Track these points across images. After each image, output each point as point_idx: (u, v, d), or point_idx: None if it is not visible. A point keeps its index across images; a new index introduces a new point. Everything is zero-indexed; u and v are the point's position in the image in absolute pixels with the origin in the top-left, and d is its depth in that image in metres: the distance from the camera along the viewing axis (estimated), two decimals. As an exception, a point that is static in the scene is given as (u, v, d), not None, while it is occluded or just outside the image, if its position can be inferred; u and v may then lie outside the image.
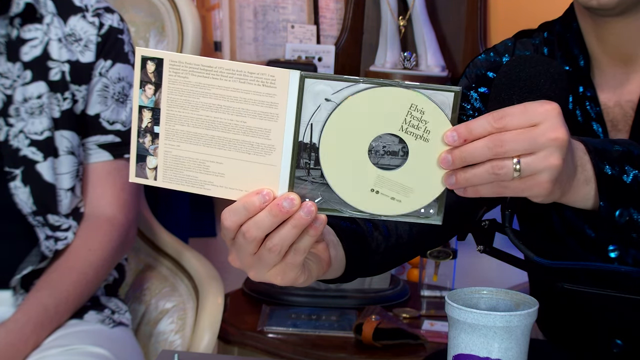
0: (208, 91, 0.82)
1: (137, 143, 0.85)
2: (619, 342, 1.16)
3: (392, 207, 0.84)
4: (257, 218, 0.82)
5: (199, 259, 1.76)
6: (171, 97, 0.83)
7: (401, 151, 0.82)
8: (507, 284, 1.81)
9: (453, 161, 0.80)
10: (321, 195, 0.83)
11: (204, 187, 0.85)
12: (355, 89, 0.80)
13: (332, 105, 0.80)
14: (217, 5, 2.40)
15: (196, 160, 0.84)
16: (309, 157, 0.82)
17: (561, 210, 1.15)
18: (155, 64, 0.83)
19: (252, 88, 0.81)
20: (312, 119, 0.81)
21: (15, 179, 1.40)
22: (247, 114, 0.81)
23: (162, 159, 0.85)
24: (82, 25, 1.46)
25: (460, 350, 0.87)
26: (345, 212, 0.83)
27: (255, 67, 0.80)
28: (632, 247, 1.11)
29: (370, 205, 0.84)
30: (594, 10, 1.06)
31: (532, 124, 0.81)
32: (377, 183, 0.83)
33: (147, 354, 1.65)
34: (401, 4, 2.38)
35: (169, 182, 0.86)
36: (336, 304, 1.98)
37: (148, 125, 0.84)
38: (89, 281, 1.43)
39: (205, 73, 0.82)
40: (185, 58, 0.82)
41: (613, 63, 1.11)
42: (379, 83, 0.80)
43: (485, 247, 1.11)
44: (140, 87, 0.84)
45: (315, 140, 0.81)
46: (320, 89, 0.80)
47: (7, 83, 1.41)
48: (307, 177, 0.82)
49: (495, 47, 1.21)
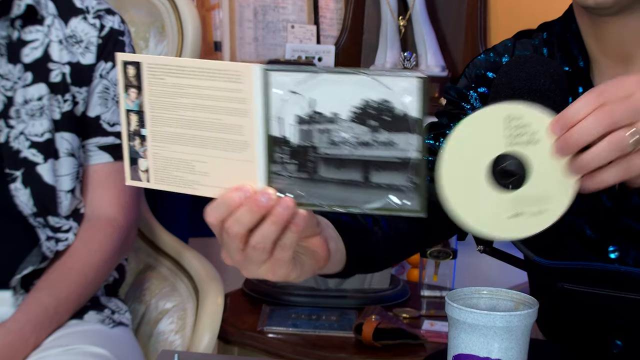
0: (185, 91, 0.82)
1: (129, 146, 0.86)
2: (619, 343, 1.16)
3: (538, 221, 0.83)
4: (237, 214, 0.81)
5: (199, 259, 1.76)
6: (152, 99, 0.84)
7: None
8: (507, 284, 1.81)
9: (568, 144, 0.79)
10: (299, 189, 0.82)
11: (192, 187, 0.85)
12: (317, 79, 0.79)
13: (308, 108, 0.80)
14: (217, 5, 2.40)
15: (183, 160, 0.84)
16: (283, 152, 0.81)
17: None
18: (135, 68, 0.84)
19: (222, 85, 0.81)
20: (279, 112, 0.80)
21: (16, 181, 1.40)
22: (220, 111, 0.81)
23: (152, 161, 0.86)
24: (83, 27, 1.46)
25: (460, 350, 0.87)
26: (325, 206, 0.81)
27: (222, 64, 0.81)
28: (632, 248, 1.11)
29: (514, 229, 0.84)
30: (591, 9, 1.06)
31: (629, 94, 0.81)
32: (515, 206, 0.83)
33: (147, 354, 1.65)
34: (401, 4, 2.38)
35: (160, 183, 0.86)
36: (336, 304, 1.98)
37: (136, 128, 0.85)
38: (89, 282, 1.43)
39: (179, 73, 0.82)
40: (160, 60, 0.83)
41: (612, 64, 1.11)
42: (340, 71, 0.78)
43: (485, 247, 1.11)
44: (124, 92, 0.85)
45: (286, 134, 0.80)
46: (284, 81, 0.79)
47: (7, 85, 1.41)
48: (284, 171, 0.81)
49: (495, 48, 1.21)
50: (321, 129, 0.80)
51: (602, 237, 1.12)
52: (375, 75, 0.78)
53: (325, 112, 0.79)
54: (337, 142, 0.80)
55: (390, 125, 0.78)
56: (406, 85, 0.77)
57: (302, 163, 0.81)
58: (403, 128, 0.78)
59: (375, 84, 0.78)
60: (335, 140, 0.80)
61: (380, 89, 0.78)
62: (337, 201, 0.81)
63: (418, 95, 0.77)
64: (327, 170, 0.81)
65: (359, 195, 0.81)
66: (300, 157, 0.81)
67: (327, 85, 0.79)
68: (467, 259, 2.04)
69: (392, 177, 0.79)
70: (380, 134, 0.78)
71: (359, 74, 0.78)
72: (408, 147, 0.78)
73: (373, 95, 0.78)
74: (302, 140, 0.80)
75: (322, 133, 0.80)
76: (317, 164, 0.81)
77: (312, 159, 0.81)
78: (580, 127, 0.79)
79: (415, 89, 0.77)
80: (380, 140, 0.79)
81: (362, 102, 0.78)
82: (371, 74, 0.78)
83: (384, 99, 0.78)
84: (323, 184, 0.81)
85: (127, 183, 0.88)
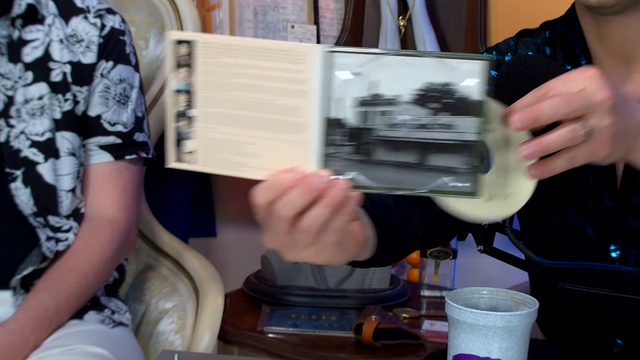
0: (240, 71, 0.81)
1: (174, 127, 0.84)
2: (620, 342, 1.16)
3: (508, 204, 0.85)
4: (289, 196, 0.80)
5: (199, 259, 1.76)
6: (205, 79, 0.82)
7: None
8: (507, 284, 1.81)
9: (525, 119, 0.81)
10: (354, 171, 0.81)
11: (239, 169, 0.83)
12: (382, 60, 0.79)
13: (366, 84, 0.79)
14: (217, 5, 2.40)
15: (232, 142, 0.83)
16: (340, 133, 0.80)
17: (562, 211, 1.15)
18: (187, 47, 0.82)
19: (281, 65, 0.80)
20: (339, 94, 0.80)
21: (16, 180, 1.40)
22: (277, 92, 0.80)
23: (199, 142, 0.84)
24: (84, 27, 1.46)
25: (460, 350, 0.88)
26: (379, 189, 0.81)
27: (283, 44, 0.80)
28: (633, 247, 1.11)
29: (490, 211, 0.85)
30: (594, 8, 1.06)
31: (579, 89, 0.83)
32: (488, 189, 0.84)
33: (147, 354, 1.65)
34: (401, 4, 2.38)
35: (206, 165, 0.84)
36: (336, 304, 1.98)
37: (183, 109, 0.84)
38: (90, 282, 1.43)
39: (237, 53, 0.81)
40: (217, 39, 0.82)
41: (615, 62, 1.11)
42: (405, 53, 0.78)
43: (485, 247, 1.11)
44: (173, 71, 0.83)
45: (345, 116, 0.80)
46: (346, 62, 0.79)
47: (8, 84, 1.41)
48: (339, 153, 0.81)
49: (498, 46, 1.22)
50: (381, 111, 0.80)
51: (603, 237, 1.12)
52: (441, 58, 0.78)
53: (386, 94, 0.79)
54: (395, 124, 0.80)
55: (451, 107, 0.79)
56: (470, 67, 0.78)
57: (358, 145, 0.81)
58: (464, 111, 0.79)
59: (440, 67, 0.78)
60: (394, 123, 0.80)
61: (444, 71, 0.78)
62: (391, 183, 0.81)
63: (482, 77, 0.78)
64: (383, 153, 0.81)
65: (414, 177, 0.81)
66: (356, 139, 0.81)
67: (390, 67, 0.79)
68: (467, 259, 2.04)
69: (450, 159, 0.80)
70: (441, 116, 0.79)
71: (425, 57, 0.78)
72: (468, 129, 0.79)
73: (436, 77, 0.78)
74: (360, 122, 0.80)
75: (381, 115, 0.80)
76: (374, 146, 0.80)
77: (369, 141, 0.80)
78: (541, 106, 0.81)
79: (479, 72, 0.78)
80: (440, 122, 0.79)
81: (424, 84, 0.78)
82: (436, 55, 0.78)
83: (446, 82, 0.78)
84: (378, 166, 0.81)
85: (170, 165, 0.85)
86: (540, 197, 0.91)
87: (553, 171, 0.83)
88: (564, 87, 0.83)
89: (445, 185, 0.81)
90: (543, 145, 0.82)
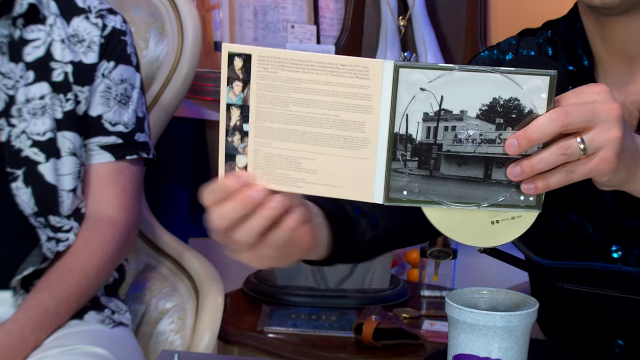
0: (298, 86, 0.80)
1: (226, 142, 0.83)
2: (620, 342, 1.16)
3: (518, 224, 0.84)
4: (222, 208, 0.81)
5: (199, 259, 1.76)
6: (260, 93, 0.81)
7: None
8: (507, 284, 1.81)
9: (519, 144, 0.79)
10: (419, 187, 0.82)
11: (295, 184, 0.83)
12: (451, 76, 0.79)
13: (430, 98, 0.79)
14: (217, 5, 2.40)
15: (287, 157, 0.82)
16: (405, 149, 0.81)
17: (564, 211, 1.15)
18: (242, 60, 0.81)
19: (344, 81, 0.79)
20: (407, 109, 0.80)
21: (17, 180, 1.40)
22: (340, 107, 0.80)
23: (252, 158, 0.83)
24: (85, 27, 1.47)
25: (460, 350, 0.88)
26: (444, 203, 0.82)
27: (347, 59, 0.79)
28: (635, 247, 1.11)
29: (499, 236, 0.85)
30: (598, 9, 1.06)
31: (588, 101, 0.81)
32: (490, 215, 0.84)
33: (147, 354, 1.65)
34: (401, 4, 2.38)
35: (260, 181, 0.83)
36: (336, 304, 1.98)
37: (236, 124, 0.83)
38: (90, 282, 1.43)
39: (295, 67, 0.80)
40: (274, 52, 0.80)
41: (617, 63, 1.11)
42: (474, 69, 0.79)
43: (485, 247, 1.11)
44: (227, 85, 0.82)
45: (411, 131, 0.80)
46: (416, 78, 0.79)
47: (9, 83, 1.41)
48: (404, 169, 0.81)
49: (499, 45, 1.22)
50: (447, 126, 0.80)
51: (605, 237, 1.12)
52: (509, 74, 0.78)
53: (453, 109, 0.80)
54: (461, 139, 0.80)
55: (516, 122, 0.79)
56: (537, 83, 0.78)
57: (423, 160, 0.81)
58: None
59: (507, 82, 0.78)
60: (460, 138, 0.80)
61: (512, 87, 0.79)
62: (455, 198, 0.82)
63: (549, 91, 0.78)
64: (448, 167, 0.81)
65: (478, 191, 0.82)
66: (422, 154, 0.81)
67: (458, 83, 0.79)
68: (467, 259, 2.04)
69: None
70: (506, 131, 0.80)
71: (492, 72, 0.78)
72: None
73: (503, 93, 0.79)
74: (426, 137, 0.81)
75: (447, 130, 0.80)
76: (439, 161, 0.81)
77: (435, 156, 0.81)
78: (534, 124, 0.79)
79: (547, 86, 0.78)
80: (504, 137, 0.80)
81: (490, 99, 0.79)
82: (504, 72, 0.78)
83: (513, 97, 0.79)
84: (443, 180, 0.82)
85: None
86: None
87: (547, 187, 0.82)
88: (575, 99, 0.82)
89: (510, 199, 0.82)
90: (530, 165, 0.80)
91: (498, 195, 0.82)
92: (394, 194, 0.82)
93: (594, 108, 0.80)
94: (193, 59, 1.86)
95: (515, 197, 0.82)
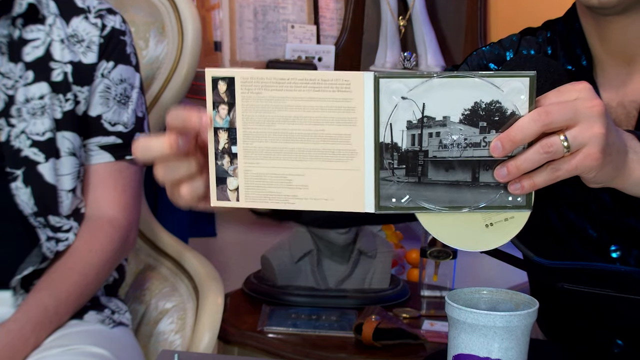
0: (283, 104, 0.81)
1: (216, 165, 0.84)
2: (620, 342, 1.16)
3: (511, 225, 0.85)
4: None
5: (199, 259, 1.76)
6: (246, 114, 0.82)
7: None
8: (507, 284, 1.82)
9: (503, 146, 0.80)
10: (408, 194, 0.83)
11: (288, 201, 0.84)
12: (430, 84, 0.79)
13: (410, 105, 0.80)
14: (217, 5, 2.40)
15: (278, 175, 0.83)
16: (392, 157, 0.82)
17: (563, 212, 1.15)
18: (226, 83, 0.82)
19: (327, 95, 0.80)
20: (390, 118, 0.81)
21: (17, 180, 1.40)
22: (324, 121, 0.81)
23: (243, 179, 0.84)
24: (85, 27, 1.47)
25: (460, 350, 0.88)
26: (434, 209, 0.83)
27: (328, 74, 0.80)
28: (634, 247, 1.11)
29: (494, 239, 0.85)
30: (596, 9, 1.06)
31: (570, 99, 0.81)
32: (484, 218, 0.84)
33: (147, 354, 1.65)
34: (401, 4, 2.38)
35: (252, 201, 0.85)
36: (336, 304, 1.98)
37: (225, 146, 0.84)
38: (90, 282, 1.43)
39: (278, 86, 0.81)
40: (256, 74, 0.82)
41: (616, 63, 1.11)
42: (452, 75, 0.79)
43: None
44: (213, 109, 0.83)
45: (396, 140, 0.81)
46: (396, 87, 0.80)
47: (9, 83, 1.41)
48: (392, 177, 0.82)
49: (501, 42, 1.22)
50: (431, 133, 0.81)
51: (604, 237, 1.12)
52: (487, 77, 0.79)
53: (436, 116, 0.81)
54: (446, 144, 0.81)
55: (499, 124, 0.80)
56: (517, 84, 0.79)
57: (410, 167, 0.82)
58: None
59: (487, 86, 0.79)
60: (445, 143, 0.81)
61: (491, 90, 0.79)
62: (445, 202, 0.83)
63: (530, 92, 0.79)
64: (436, 173, 0.82)
65: (468, 195, 0.82)
66: (409, 162, 0.82)
67: (439, 89, 0.80)
68: (467, 259, 2.05)
69: None
70: (490, 134, 0.80)
71: (471, 77, 0.79)
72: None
73: (484, 96, 0.79)
74: (411, 144, 0.81)
75: (432, 136, 0.81)
76: (426, 167, 0.82)
77: (421, 162, 0.82)
78: (516, 126, 0.80)
79: (527, 87, 0.79)
80: (489, 140, 0.81)
81: (472, 104, 0.80)
82: (482, 75, 0.79)
83: (494, 100, 0.79)
84: (432, 186, 0.83)
85: (213, 204, 0.86)
86: (540, 198, 0.91)
87: (534, 186, 0.82)
88: (557, 98, 0.82)
89: (499, 201, 0.82)
90: (515, 165, 0.81)
91: (487, 197, 0.82)
92: (384, 202, 0.83)
93: (576, 106, 0.80)
94: (193, 59, 1.86)
95: (505, 198, 0.82)
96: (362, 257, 2.04)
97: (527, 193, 0.82)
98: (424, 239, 1.96)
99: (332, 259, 2.05)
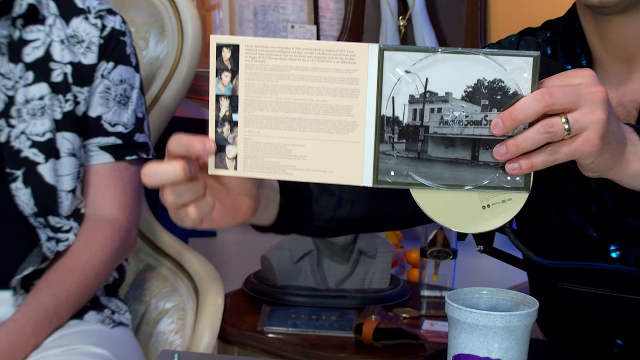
0: (286, 73, 0.81)
1: (215, 133, 0.84)
2: (620, 342, 1.16)
3: (509, 207, 0.84)
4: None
5: (199, 259, 1.76)
6: (249, 82, 0.82)
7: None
8: (507, 284, 1.82)
9: (504, 124, 0.79)
10: (407, 169, 0.82)
11: (286, 172, 0.84)
12: (435, 58, 0.79)
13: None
14: (217, 5, 2.40)
15: (277, 145, 0.83)
16: (392, 131, 0.81)
17: (563, 211, 1.15)
18: (231, 51, 0.82)
19: (331, 66, 0.80)
20: (393, 91, 0.80)
21: (17, 180, 1.40)
22: (327, 92, 0.81)
23: (242, 147, 0.84)
24: (85, 27, 1.47)
25: (460, 350, 0.88)
26: (432, 186, 0.82)
27: (333, 44, 0.80)
28: (634, 247, 1.11)
29: (491, 220, 0.85)
30: (595, 8, 1.06)
31: (573, 83, 0.81)
32: (481, 199, 0.84)
33: (147, 354, 1.65)
34: (401, 4, 2.38)
35: (249, 170, 0.84)
36: (336, 304, 1.98)
37: (226, 114, 0.83)
38: (90, 282, 1.43)
39: (282, 55, 0.81)
40: (261, 42, 0.81)
41: (616, 62, 1.11)
42: (457, 51, 0.79)
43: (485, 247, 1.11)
44: (216, 76, 0.83)
45: (398, 114, 0.81)
46: (400, 59, 0.80)
47: (8, 84, 1.41)
48: (392, 151, 0.82)
49: (500, 42, 1.22)
50: (433, 108, 0.81)
51: (604, 237, 1.12)
52: (491, 55, 0.79)
53: (439, 91, 0.80)
54: (447, 120, 0.81)
55: (501, 103, 0.80)
56: (521, 63, 0.79)
57: (411, 142, 0.82)
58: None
59: (490, 63, 0.79)
60: (446, 119, 0.81)
61: (495, 68, 0.79)
62: (444, 180, 0.82)
63: (533, 72, 0.79)
64: (436, 149, 0.82)
65: (466, 173, 0.82)
66: (409, 136, 0.81)
67: (443, 64, 0.79)
68: (467, 259, 2.05)
69: None
70: (492, 112, 0.80)
71: (476, 54, 0.79)
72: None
73: (487, 74, 0.79)
74: (412, 119, 0.81)
75: (433, 112, 0.81)
76: (426, 143, 0.82)
77: (422, 138, 0.81)
78: (519, 104, 0.80)
79: (530, 67, 0.79)
80: (490, 118, 0.80)
81: (475, 81, 0.79)
82: (487, 53, 0.79)
83: (497, 78, 0.79)
84: (431, 163, 0.82)
85: (211, 172, 0.85)
86: (540, 197, 0.92)
87: (532, 167, 0.82)
88: (561, 82, 0.82)
89: (497, 181, 0.82)
90: (515, 144, 0.80)
91: (486, 176, 0.82)
92: (382, 176, 0.83)
93: (579, 90, 0.80)
94: (193, 59, 1.86)
95: (503, 179, 0.82)
96: (362, 257, 2.04)
97: (525, 174, 0.82)
98: (424, 239, 1.96)
99: (332, 259, 2.05)
